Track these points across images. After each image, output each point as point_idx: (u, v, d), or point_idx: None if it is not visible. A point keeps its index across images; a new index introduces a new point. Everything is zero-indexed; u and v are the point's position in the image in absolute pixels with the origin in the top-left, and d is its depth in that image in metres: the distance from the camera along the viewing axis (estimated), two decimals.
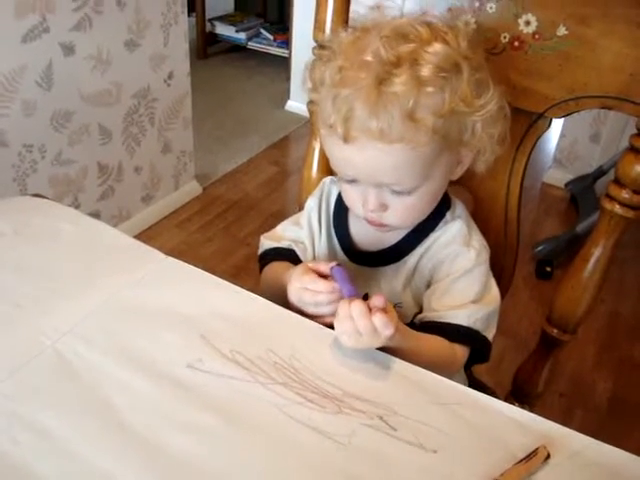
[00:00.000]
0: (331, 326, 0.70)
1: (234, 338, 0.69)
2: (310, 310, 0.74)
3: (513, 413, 0.63)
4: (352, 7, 0.92)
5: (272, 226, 0.94)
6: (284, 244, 0.90)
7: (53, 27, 1.62)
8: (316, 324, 0.72)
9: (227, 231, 2.30)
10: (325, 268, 0.73)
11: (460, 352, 0.77)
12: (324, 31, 0.93)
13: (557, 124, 2.60)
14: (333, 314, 0.69)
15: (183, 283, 0.77)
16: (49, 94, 1.69)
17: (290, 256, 0.88)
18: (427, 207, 0.79)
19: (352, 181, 0.76)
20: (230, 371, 0.65)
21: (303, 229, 0.90)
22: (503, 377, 1.07)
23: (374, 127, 0.67)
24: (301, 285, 0.73)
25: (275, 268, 0.87)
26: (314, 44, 0.91)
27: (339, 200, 0.87)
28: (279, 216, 2.38)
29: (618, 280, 2.12)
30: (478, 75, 0.71)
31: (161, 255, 0.81)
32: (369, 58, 0.68)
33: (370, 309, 0.65)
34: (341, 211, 0.87)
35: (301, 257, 0.88)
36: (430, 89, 0.68)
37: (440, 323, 0.77)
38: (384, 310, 0.65)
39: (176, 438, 0.58)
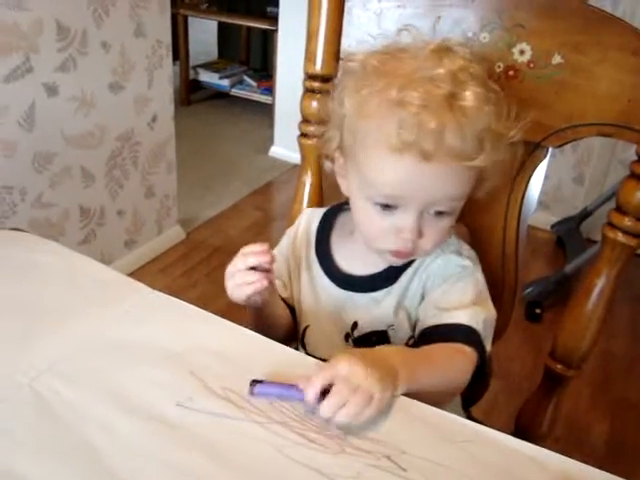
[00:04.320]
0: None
1: (225, 375, 0.65)
2: (237, 280, 0.72)
3: (528, 450, 0.59)
4: (343, 40, 0.91)
5: None
6: None
7: (37, 67, 1.61)
8: (314, 360, 0.69)
9: (211, 277, 2.26)
10: (258, 248, 0.71)
11: (468, 350, 0.72)
12: (315, 63, 0.91)
13: (540, 166, 2.61)
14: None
15: (170, 317, 0.73)
16: (31, 135, 1.66)
17: None
18: (451, 229, 0.78)
19: (387, 207, 0.71)
20: (223, 410, 0.60)
21: (279, 261, 0.86)
22: (497, 421, 1.02)
23: (453, 145, 0.66)
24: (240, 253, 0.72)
25: None
26: (298, 89, 0.90)
27: (321, 228, 0.86)
28: None
29: (609, 319, 2.10)
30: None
31: (147, 289, 0.77)
32: (442, 70, 0.68)
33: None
34: (323, 239, 0.86)
35: (280, 293, 0.85)
36: (490, 108, 0.69)
37: (439, 325, 0.74)
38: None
39: None
